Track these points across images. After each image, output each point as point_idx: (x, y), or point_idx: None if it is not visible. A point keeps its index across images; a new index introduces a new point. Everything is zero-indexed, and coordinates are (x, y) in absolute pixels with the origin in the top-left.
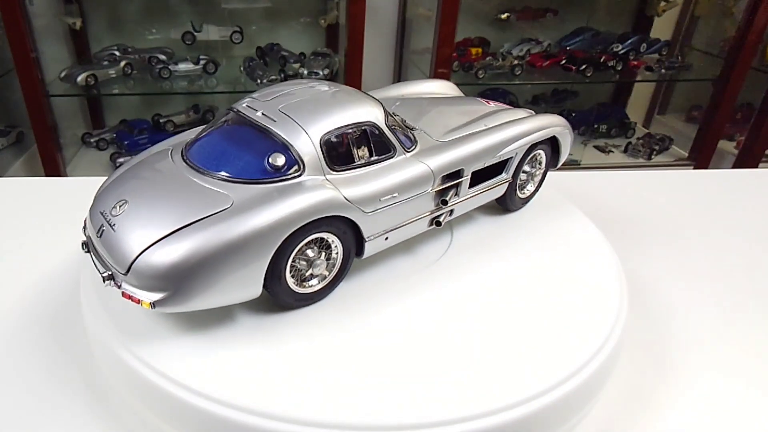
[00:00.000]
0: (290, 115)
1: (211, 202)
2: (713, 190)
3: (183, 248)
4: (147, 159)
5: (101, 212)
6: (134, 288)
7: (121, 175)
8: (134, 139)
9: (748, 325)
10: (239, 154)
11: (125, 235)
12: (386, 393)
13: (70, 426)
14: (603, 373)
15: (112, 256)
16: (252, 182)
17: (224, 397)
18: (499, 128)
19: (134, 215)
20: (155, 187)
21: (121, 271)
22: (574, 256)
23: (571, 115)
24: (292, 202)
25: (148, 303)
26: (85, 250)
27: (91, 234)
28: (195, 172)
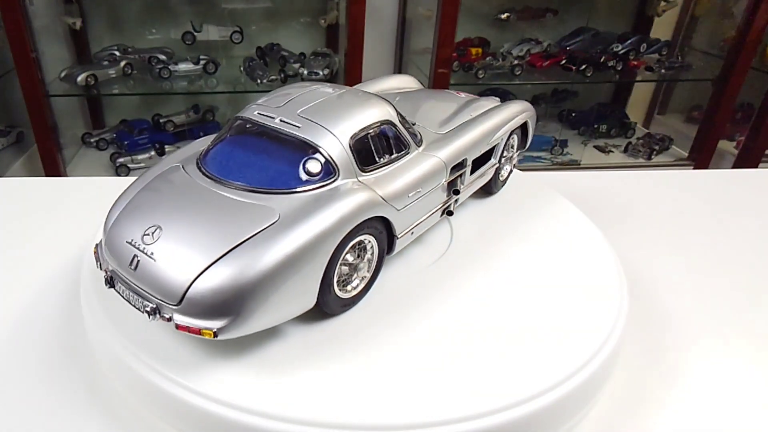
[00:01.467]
0: (314, 120)
1: (256, 218)
2: (713, 190)
3: (241, 269)
4: (159, 178)
5: (129, 242)
6: (190, 319)
7: (135, 200)
8: (134, 139)
9: (749, 325)
10: (268, 164)
11: (171, 263)
12: (386, 393)
13: (70, 426)
14: (603, 373)
15: (157, 287)
16: (291, 192)
17: (224, 397)
18: (485, 117)
19: (175, 240)
20: (188, 208)
21: (171, 303)
22: (574, 256)
23: (571, 115)
24: (338, 207)
25: (211, 332)
26: (108, 286)
27: (119, 267)
28: (224, 187)
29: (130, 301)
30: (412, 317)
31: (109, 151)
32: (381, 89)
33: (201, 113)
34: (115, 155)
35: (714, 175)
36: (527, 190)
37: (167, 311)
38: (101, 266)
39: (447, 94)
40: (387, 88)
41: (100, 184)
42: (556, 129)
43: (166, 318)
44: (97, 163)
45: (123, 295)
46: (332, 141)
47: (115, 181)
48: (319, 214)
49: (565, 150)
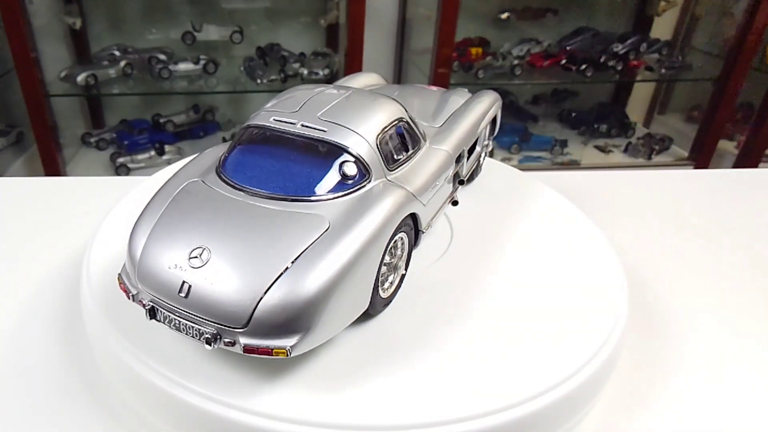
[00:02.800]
0: (337, 122)
1: (307, 227)
2: (713, 190)
3: (306, 282)
4: (183, 196)
5: (173, 268)
6: (259, 340)
7: (162, 222)
8: (134, 139)
9: (749, 325)
10: (301, 171)
11: (230, 285)
12: (386, 393)
13: (70, 426)
14: (603, 373)
15: (217, 312)
16: (332, 197)
17: (225, 397)
18: (469, 108)
19: (229, 260)
20: (231, 224)
21: (236, 327)
22: (574, 256)
23: (571, 115)
24: (383, 208)
25: (284, 351)
26: (149, 318)
27: (164, 296)
28: (260, 198)
29: (180, 331)
30: (411, 317)
31: (109, 151)
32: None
33: (201, 113)
34: (115, 155)
35: (714, 175)
36: (527, 190)
37: (229, 335)
38: (134, 298)
39: (421, 88)
40: (358, 86)
41: (100, 184)
42: (556, 129)
43: (229, 343)
44: (97, 163)
45: (171, 325)
46: (361, 142)
47: (115, 181)
48: (367, 217)
49: (565, 150)
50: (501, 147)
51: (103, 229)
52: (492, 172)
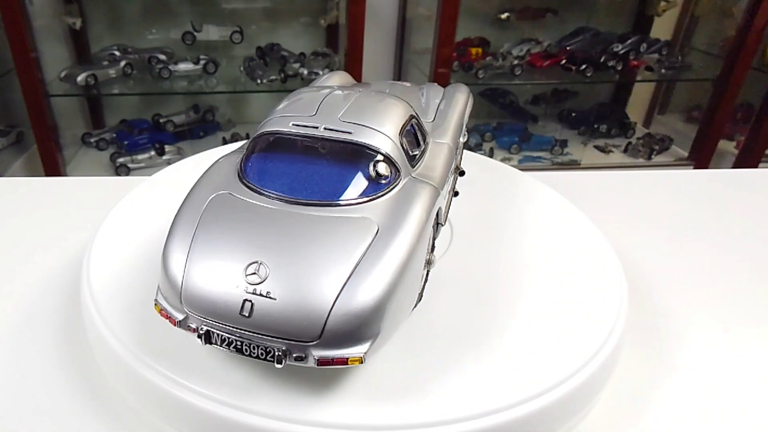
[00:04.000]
0: (361, 123)
1: (358, 231)
2: (713, 190)
3: (373, 286)
4: (215, 211)
5: (227, 287)
6: (333, 351)
7: (201, 241)
8: (134, 139)
9: (749, 325)
10: (334, 175)
11: (298, 299)
12: (385, 393)
13: (70, 426)
14: (603, 373)
15: (287, 328)
16: (371, 198)
17: (225, 396)
18: (452, 102)
19: (290, 273)
20: (280, 235)
21: (308, 340)
22: (574, 256)
23: (571, 115)
24: (422, 205)
25: (359, 359)
26: (204, 343)
27: (222, 319)
28: (299, 206)
29: (243, 352)
30: (411, 318)
31: (109, 151)
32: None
33: (201, 113)
34: (115, 155)
35: (714, 175)
36: (527, 190)
37: (299, 350)
38: (181, 324)
39: (395, 84)
40: (332, 85)
41: (100, 184)
42: (556, 129)
43: (300, 357)
44: (97, 163)
45: (230, 348)
46: (387, 141)
47: (115, 181)
48: (410, 215)
49: (565, 150)
50: (501, 147)
51: (103, 229)
52: (492, 172)
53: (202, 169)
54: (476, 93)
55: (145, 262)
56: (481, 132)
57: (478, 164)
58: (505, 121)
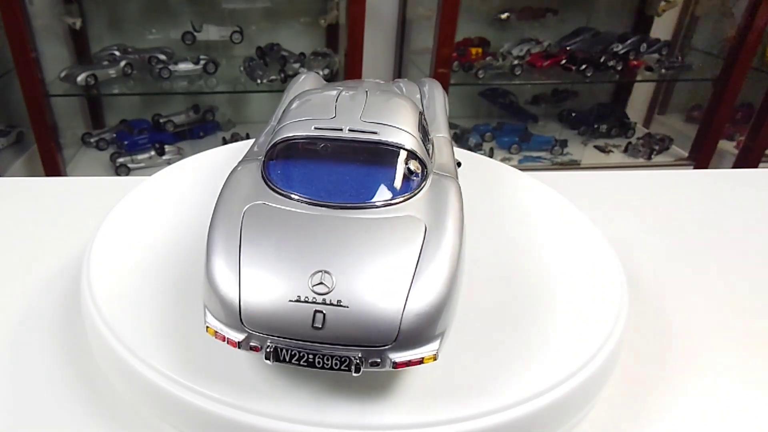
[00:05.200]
0: (383, 122)
1: (410, 230)
2: (713, 190)
3: (436, 284)
4: (253, 222)
5: (296, 300)
6: (409, 352)
7: (250, 255)
8: (134, 139)
9: (749, 326)
10: (368, 175)
11: (370, 304)
12: (385, 392)
13: (70, 426)
14: (603, 373)
15: (362, 335)
16: (409, 196)
17: (226, 396)
18: (432, 95)
19: (356, 279)
20: (334, 241)
21: (384, 344)
22: (574, 256)
23: (571, 115)
24: (456, 198)
25: (432, 356)
26: (272, 361)
27: (292, 333)
28: (345, 210)
29: (315, 365)
30: None
31: (109, 151)
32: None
33: (201, 113)
34: (115, 155)
35: (714, 175)
36: (526, 190)
37: (375, 355)
38: (241, 345)
39: (373, 82)
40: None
41: (100, 184)
42: (556, 129)
43: (375, 363)
44: (97, 163)
45: (300, 362)
46: (412, 139)
47: (115, 181)
48: (450, 210)
49: (565, 150)
50: (501, 147)
51: (104, 230)
52: (491, 172)
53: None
54: (476, 93)
55: (146, 262)
56: (481, 132)
57: (478, 164)
58: (505, 121)
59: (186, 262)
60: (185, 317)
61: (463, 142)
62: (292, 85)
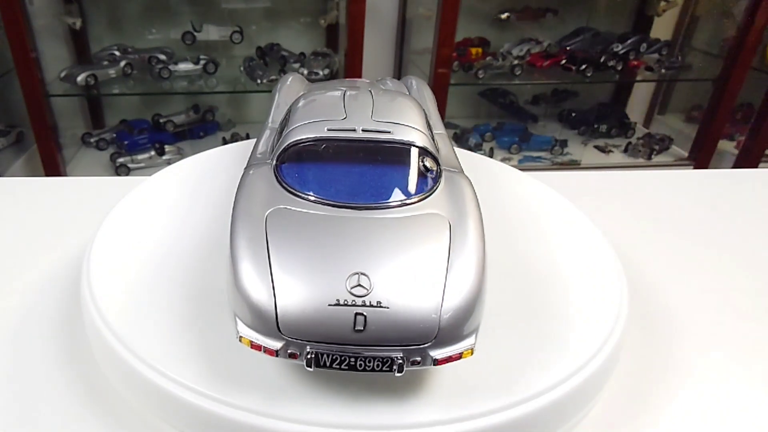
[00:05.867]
0: (394, 121)
1: (435, 228)
2: (713, 190)
3: (471, 279)
4: (279, 227)
5: (336, 304)
6: (448, 348)
7: (279, 260)
8: (134, 139)
9: (749, 326)
10: (386, 175)
11: (410, 303)
12: (385, 392)
13: (70, 426)
14: (603, 373)
15: (403, 335)
16: (428, 194)
17: (226, 396)
18: (421, 93)
19: (392, 279)
20: (365, 242)
21: (425, 342)
22: (574, 256)
23: (571, 115)
24: (472, 194)
25: (470, 351)
26: (314, 367)
27: (333, 338)
28: (370, 210)
29: (357, 369)
30: None
31: (109, 151)
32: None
33: (201, 113)
34: (115, 155)
35: (714, 175)
36: (526, 190)
37: (416, 354)
38: (279, 353)
39: (359, 81)
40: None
41: (100, 184)
42: (556, 129)
43: (416, 362)
44: (97, 163)
45: (341, 366)
46: (424, 137)
47: (115, 181)
48: (468, 206)
49: (565, 150)
50: (501, 147)
51: (104, 230)
52: (491, 172)
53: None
54: (476, 93)
55: (146, 261)
56: (481, 132)
57: (478, 164)
58: (505, 121)
59: (186, 261)
60: (185, 317)
61: (463, 142)
62: (281, 87)
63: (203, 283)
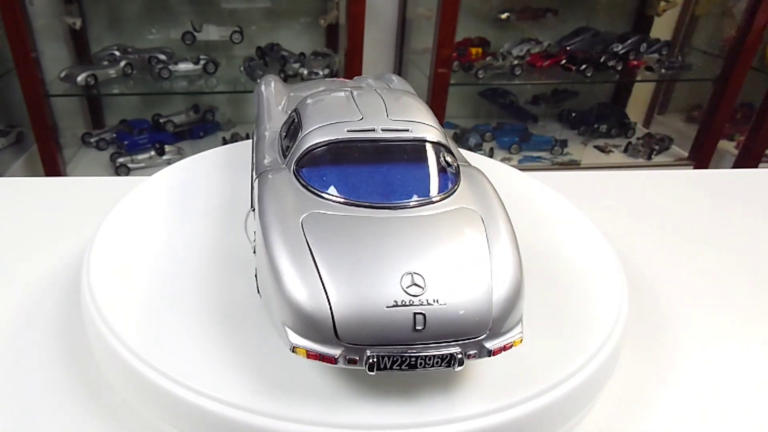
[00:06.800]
0: (410, 119)
1: (470, 222)
2: (713, 190)
3: (513, 270)
4: (317, 232)
5: (394, 306)
6: (501, 338)
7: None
8: (134, 139)
9: (749, 326)
10: (411, 173)
11: (464, 298)
12: (385, 392)
13: (70, 426)
14: (603, 373)
15: (461, 329)
16: (453, 189)
17: (226, 396)
18: (406, 89)
19: (443, 275)
20: (410, 241)
21: (480, 335)
22: (574, 256)
23: (571, 115)
24: (491, 186)
25: (519, 339)
26: (374, 372)
27: (394, 340)
28: (406, 209)
29: (417, 367)
30: None
31: (109, 151)
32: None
33: (201, 113)
34: (115, 155)
35: (714, 175)
36: (526, 190)
37: (473, 347)
38: (338, 360)
39: (339, 81)
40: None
41: (100, 184)
42: (556, 129)
43: (473, 355)
44: (97, 163)
45: (402, 367)
46: (439, 133)
47: (115, 181)
48: (494, 199)
49: (565, 150)
50: (501, 147)
51: (103, 229)
52: (491, 172)
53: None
54: (476, 93)
55: (146, 261)
56: (481, 132)
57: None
58: (505, 121)
59: (186, 261)
60: (185, 316)
61: (463, 142)
62: (263, 90)
63: (203, 283)
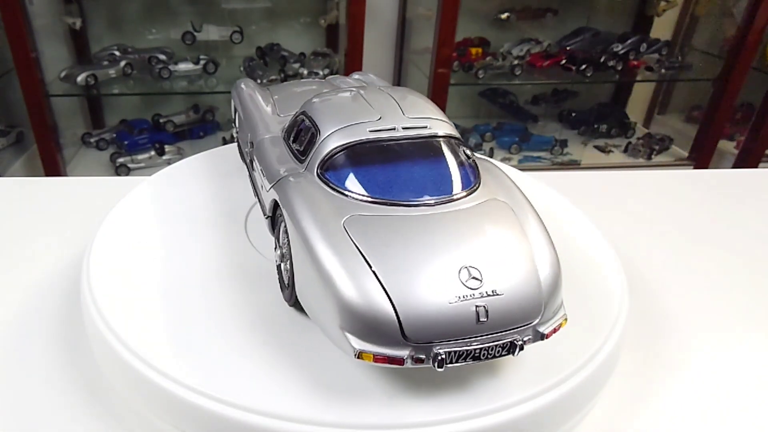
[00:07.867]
0: (426, 116)
1: (502, 213)
2: (713, 190)
3: (551, 255)
4: (363, 234)
5: (456, 301)
6: (551, 322)
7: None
8: (134, 139)
9: (749, 326)
10: (437, 169)
11: (518, 287)
12: (385, 392)
13: (71, 426)
14: (603, 373)
15: (518, 317)
16: (477, 181)
17: (225, 395)
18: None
19: (495, 266)
20: (458, 236)
21: (533, 322)
22: (574, 256)
23: (571, 115)
24: (509, 177)
25: (565, 320)
26: (443, 368)
27: (458, 334)
28: (443, 205)
29: (480, 359)
30: None
31: (109, 151)
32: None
33: (201, 113)
34: (115, 155)
35: (714, 175)
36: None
37: (528, 333)
38: (406, 361)
39: (318, 80)
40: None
41: (100, 184)
42: (556, 129)
43: (529, 340)
44: (97, 163)
45: (466, 360)
46: (452, 128)
47: (115, 181)
48: (512, 186)
49: (565, 150)
50: (501, 147)
51: (104, 229)
52: None
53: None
54: (476, 93)
55: (146, 262)
56: (481, 132)
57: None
58: (505, 121)
59: (186, 261)
60: (185, 316)
61: None
62: (245, 95)
63: (203, 283)
